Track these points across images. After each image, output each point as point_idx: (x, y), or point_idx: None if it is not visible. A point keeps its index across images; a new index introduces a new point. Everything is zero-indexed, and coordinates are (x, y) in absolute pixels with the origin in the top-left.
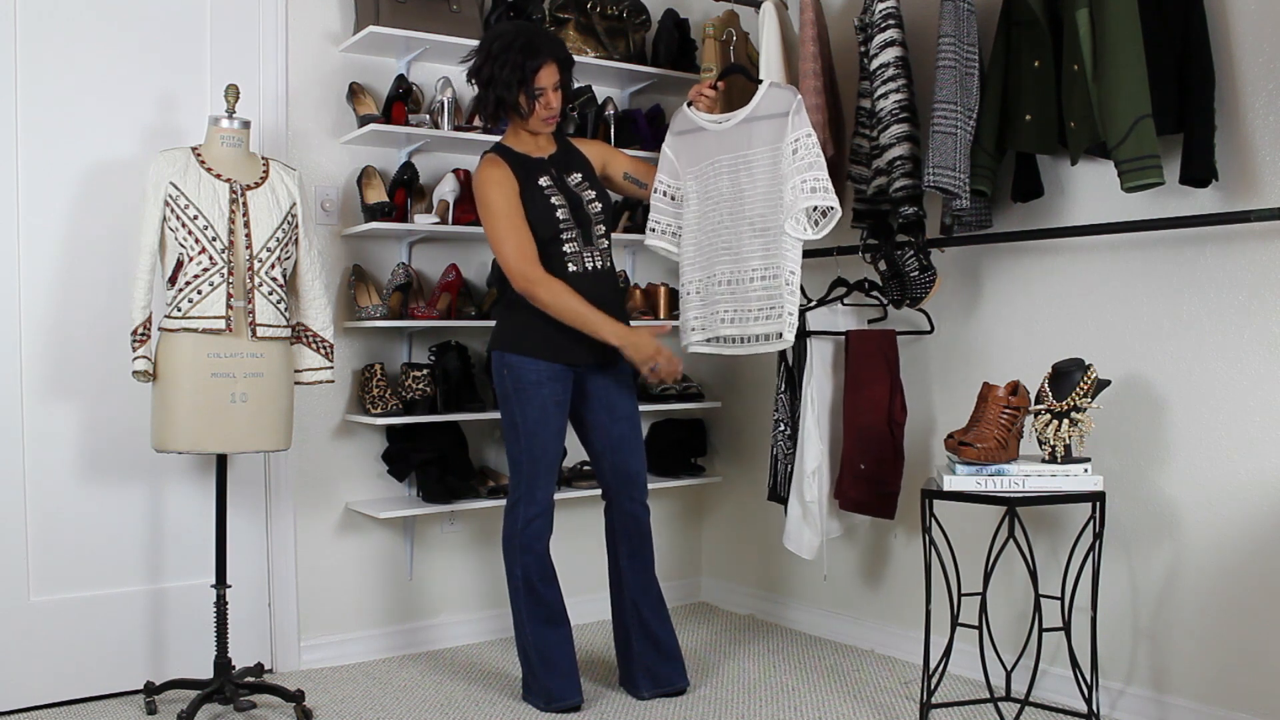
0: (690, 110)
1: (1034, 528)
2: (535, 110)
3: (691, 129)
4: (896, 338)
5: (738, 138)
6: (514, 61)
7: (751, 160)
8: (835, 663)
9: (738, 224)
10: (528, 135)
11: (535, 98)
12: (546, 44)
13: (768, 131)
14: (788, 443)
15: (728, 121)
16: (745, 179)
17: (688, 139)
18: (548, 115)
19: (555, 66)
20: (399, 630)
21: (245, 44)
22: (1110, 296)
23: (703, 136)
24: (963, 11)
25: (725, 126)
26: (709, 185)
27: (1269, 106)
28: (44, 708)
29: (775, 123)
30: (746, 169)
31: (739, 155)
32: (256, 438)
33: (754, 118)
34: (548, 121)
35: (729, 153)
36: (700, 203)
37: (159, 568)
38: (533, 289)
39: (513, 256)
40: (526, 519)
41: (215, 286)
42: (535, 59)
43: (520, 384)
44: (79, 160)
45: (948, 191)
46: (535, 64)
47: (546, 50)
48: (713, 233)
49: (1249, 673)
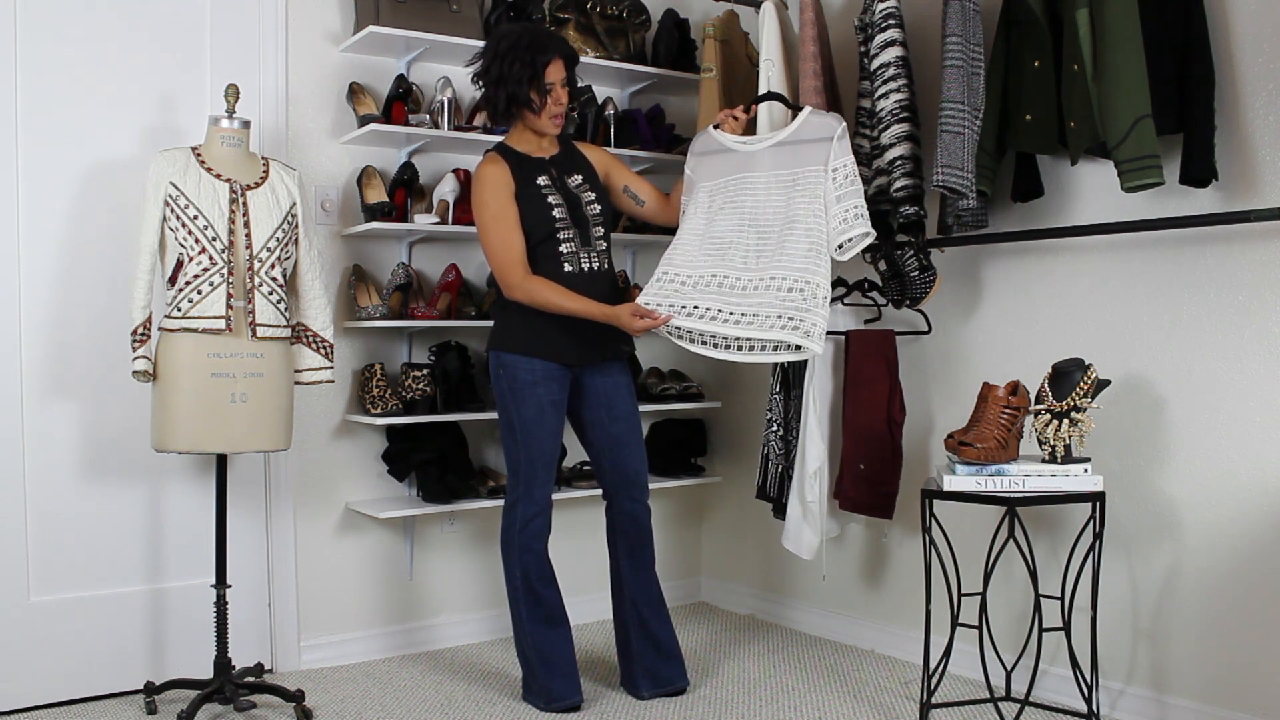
0: (716, 132)
1: (1034, 528)
2: (546, 106)
3: (717, 150)
4: (895, 338)
5: (776, 158)
6: (523, 58)
7: (796, 180)
8: (835, 663)
9: (766, 237)
10: (532, 135)
11: (546, 93)
12: (553, 41)
13: (810, 153)
14: (780, 443)
15: (760, 143)
16: (780, 196)
17: (710, 159)
18: (557, 111)
19: (562, 63)
20: (399, 630)
21: (245, 44)
22: (1110, 296)
23: (729, 156)
24: (969, 11)
25: (759, 147)
26: (730, 197)
27: (1269, 106)
28: (44, 708)
29: (819, 146)
30: (785, 188)
31: (775, 174)
32: (256, 438)
33: (794, 141)
34: (555, 120)
35: (762, 171)
36: (713, 209)
37: (159, 568)
38: (511, 293)
39: (496, 258)
40: (525, 519)
41: (215, 286)
42: (545, 55)
43: (515, 383)
44: (79, 160)
45: (955, 191)
46: (545, 59)
47: (554, 47)
48: (725, 240)
49: (1249, 673)
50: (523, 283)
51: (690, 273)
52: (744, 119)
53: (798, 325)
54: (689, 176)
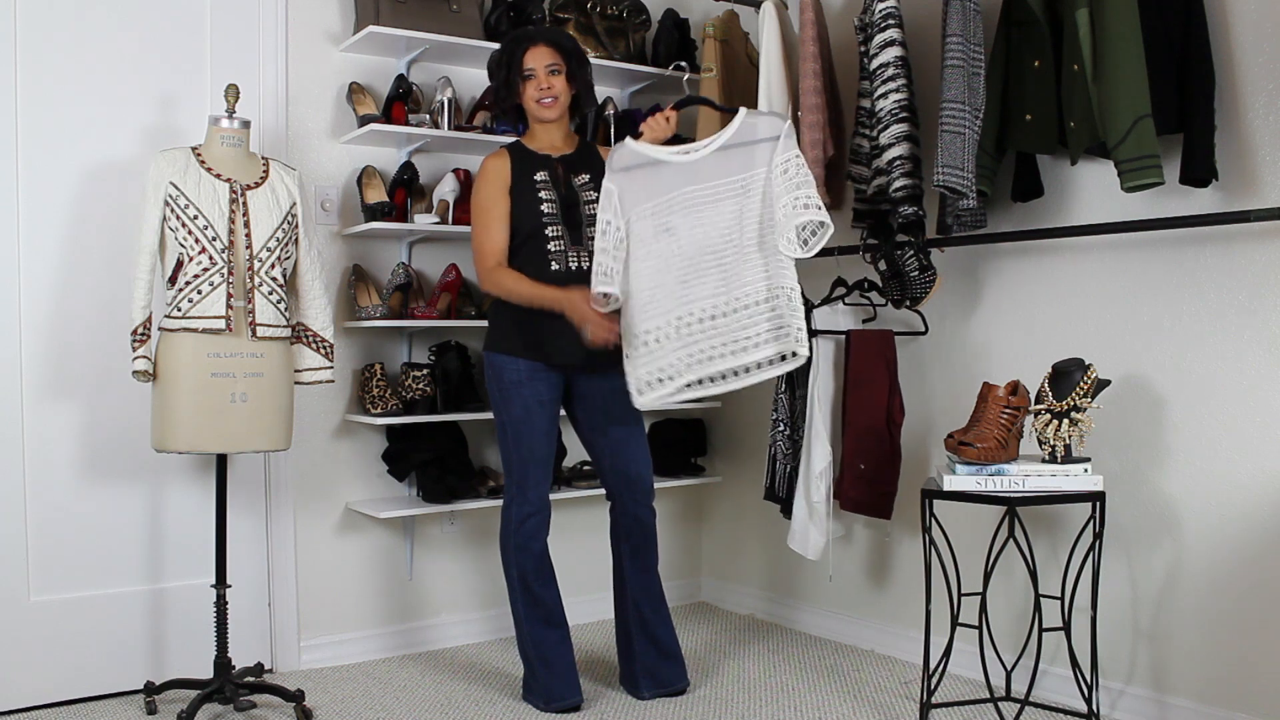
0: (638, 144)
1: (1034, 528)
2: (527, 90)
3: (645, 163)
4: (894, 338)
5: (721, 165)
6: (507, 49)
7: (747, 185)
8: (835, 663)
9: (724, 253)
10: (543, 132)
11: (525, 78)
12: (541, 31)
13: (759, 155)
14: (787, 443)
15: (696, 152)
16: (732, 205)
17: (639, 175)
18: (540, 96)
19: (547, 49)
20: (399, 630)
21: (245, 44)
22: (1110, 296)
23: (661, 170)
24: (969, 11)
25: (695, 157)
26: (676, 218)
27: (1269, 106)
28: (44, 708)
29: (764, 147)
30: (735, 196)
31: (723, 183)
32: (256, 438)
33: (739, 144)
34: (543, 105)
35: (703, 182)
36: (660, 242)
37: (159, 568)
38: (482, 283)
39: (474, 246)
40: (520, 518)
41: (215, 286)
42: (524, 43)
43: (503, 384)
44: (79, 160)
45: (956, 191)
46: (524, 47)
47: (540, 36)
48: (686, 270)
49: (1249, 673)
50: (490, 272)
51: (660, 323)
52: (670, 127)
53: (786, 334)
54: (611, 192)
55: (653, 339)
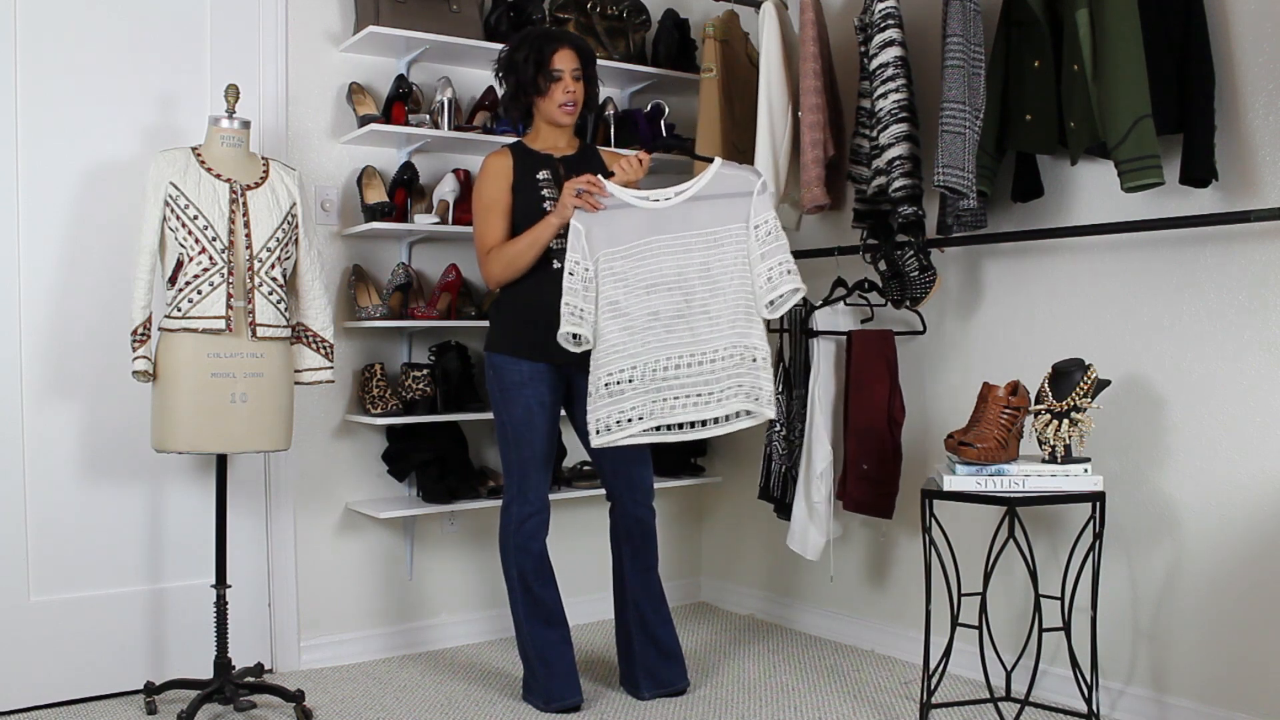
0: (610, 184)
1: (1034, 528)
2: (552, 92)
3: (616, 205)
4: (894, 338)
5: (690, 215)
6: (532, 45)
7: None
8: (835, 663)
9: (691, 304)
10: (548, 133)
11: (553, 79)
12: (565, 34)
13: (729, 210)
14: (782, 443)
15: (665, 200)
16: (700, 257)
17: (605, 216)
18: (565, 99)
19: (573, 53)
20: (399, 630)
21: (245, 44)
22: (1110, 296)
23: (631, 214)
24: (969, 11)
25: (664, 205)
26: (643, 266)
27: (1269, 106)
28: (44, 708)
29: (738, 202)
30: (705, 248)
31: (693, 235)
32: (256, 438)
33: (710, 195)
34: (565, 108)
35: (672, 232)
36: (628, 286)
37: (159, 568)
38: (484, 271)
39: (478, 242)
40: (520, 518)
41: (215, 286)
42: (552, 43)
43: (503, 384)
44: (79, 160)
45: (956, 191)
46: (553, 47)
47: (566, 39)
48: (653, 317)
49: (1249, 673)
50: (488, 255)
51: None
52: (642, 170)
53: (756, 399)
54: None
55: (615, 383)
